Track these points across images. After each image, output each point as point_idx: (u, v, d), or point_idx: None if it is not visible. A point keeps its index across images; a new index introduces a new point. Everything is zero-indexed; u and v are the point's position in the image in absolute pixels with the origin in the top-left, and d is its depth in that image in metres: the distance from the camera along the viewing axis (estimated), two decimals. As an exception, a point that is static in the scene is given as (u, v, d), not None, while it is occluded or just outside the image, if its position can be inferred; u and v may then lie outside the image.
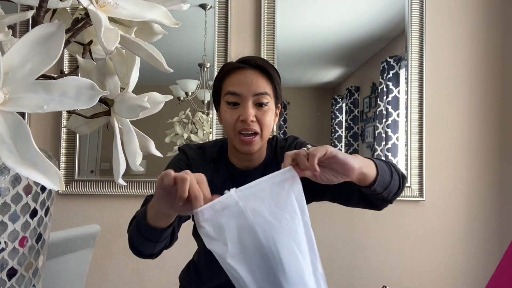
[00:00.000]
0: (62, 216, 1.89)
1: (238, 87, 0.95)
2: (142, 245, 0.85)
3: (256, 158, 1.02)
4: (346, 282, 1.90)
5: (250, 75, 0.95)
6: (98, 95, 0.45)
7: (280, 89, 1.01)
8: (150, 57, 0.57)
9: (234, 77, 0.97)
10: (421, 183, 1.89)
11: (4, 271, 0.59)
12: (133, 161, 0.63)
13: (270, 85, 0.97)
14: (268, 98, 0.96)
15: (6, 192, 0.58)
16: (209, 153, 1.05)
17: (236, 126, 0.95)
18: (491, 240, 1.91)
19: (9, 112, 0.42)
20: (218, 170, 1.03)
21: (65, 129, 1.91)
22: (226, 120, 0.97)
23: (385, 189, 0.84)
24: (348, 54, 1.96)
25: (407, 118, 1.90)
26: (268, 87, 0.96)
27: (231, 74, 0.98)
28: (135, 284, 1.89)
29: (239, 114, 0.94)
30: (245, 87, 0.94)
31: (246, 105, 0.94)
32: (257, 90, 0.94)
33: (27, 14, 0.56)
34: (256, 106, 0.95)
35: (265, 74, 0.96)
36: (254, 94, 0.94)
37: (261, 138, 0.96)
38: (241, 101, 0.95)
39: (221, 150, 1.06)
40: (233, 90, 0.95)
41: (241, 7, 1.94)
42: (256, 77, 0.95)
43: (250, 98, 0.94)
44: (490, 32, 1.94)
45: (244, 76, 0.95)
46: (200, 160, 1.03)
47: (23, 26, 1.85)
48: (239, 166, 1.03)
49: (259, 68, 0.96)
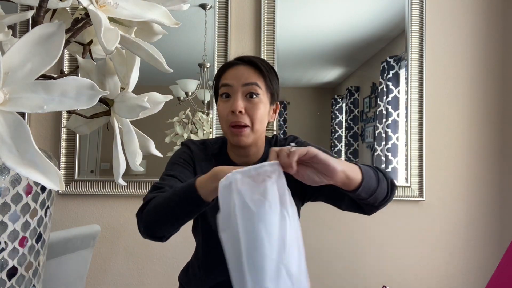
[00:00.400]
0: (62, 216, 1.89)
1: (229, 80, 1.00)
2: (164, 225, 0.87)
3: (252, 154, 1.05)
4: (346, 282, 1.90)
5: (242, 69, 1.00)
6: (98, 95, 0.45)
7: (275, 85, 1.04)
8: (150, 57, 0.57)
9: (228, 72, 1.02)
10: (421, 183, 1.89)
11: (4, 271, 0.59)
12: (133, 161, 0.63)
13: (261, 78, 1.00)
14: (258, 90, 0.99)
15: (6, 192, 0.58)
16: (211, 149, 1.09)
17: (228, 119, 0.98)
18: (491, 240, 1.91)
19: (9, 112, 0.42)
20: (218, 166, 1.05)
21: (65, 129, 1.91)
22: (220, 114, 1.01)
23: (370, 195, 0.83)
24: (348, 54, 1.96)
25: (407, 118, 1.90)
26: (259, 79, 1.00)
27: (226, 70, 1.03)
28: (135, 284, 1.89)
29: (230, 106, 0.98)
30: (235, 79, 0.99)
31: (236, 96, 0.98)
32: (247, 80, 0.98)
33: (27, 14, 0.56)
34: (246, 97, 0.99)
35: (257, 68, 1.00)
36: (244, 84, 0.98)
37: (252, 131, 0.99)
38: (232, 92, 0.99)
39: (222, 147, 1.10)
40: (225, 82, 1.00)
41: (241, 7, 1.94)
42: (248, 70, 1.00)
43: (240, 89, 0.98)
44: (490, 32, 1.94)
45: (235, 70, 1.01)
46: (203, 155, 1.07)
47: (23, 26, 1.85)
48: (237, 162, 1.06)
49: (250, 63, 1.01)
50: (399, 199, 1.89)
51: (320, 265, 1.89)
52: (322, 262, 1.90)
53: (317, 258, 1.88)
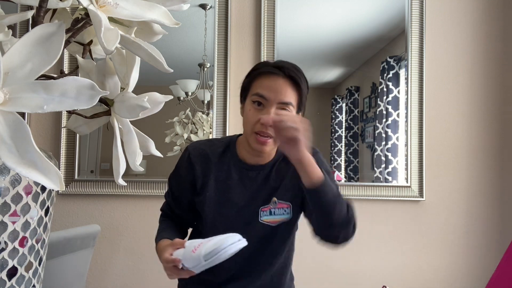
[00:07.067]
0: (62, 216, 1.88)
1: (266, 91, 0.99)
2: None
3: (266, 155, 1.08)
4: (346, 282, 1.90)
5: (281, 83, 0.99)
6: (98, 95, 0.45)
7: (305, 100, 1.05)
8: (150, 57, 0.57)
9: (266, 80, 1.01)
10: (421, 183, 1.89)
11: (4, 271, 0.59)
12: (133, 161, 0.63)
13: (296, 96, 1.01)
14: (291, 108, 1.00)
15: (6, 192, 0.58)
16: (216, 147, 1.11)
17: (255, 127, 0.99)
18: (491, 240, 1.91)
19: (9, 112, 0.42)
20: (223, 163, 1.08)
21: (65, 129, 1.91)
22: (248, 118, 1.02)
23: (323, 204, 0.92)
24: (348, 54, 1.96)
25: (407, 118, 1.90)
26: (294, 98, 1.01)
27: (263, 76, 1.02)
28: (135, 284, 1.89)
29: (261, 117, 0.98)
30: (273, 93, 0.99)
31: (269, 111, 0.98)
32: (283, 99, 0.99)
33: (27, 14, 0.56)
34: (277, 110, 0.99)
35: (295, 85, 1.00)
36: (279, 102, 0.99)
37: (275, 141, 1.01)
38: (266, 104, 0.99)
39: (229, 146, 1.11)
40: (262, 93, 0.99)
41: (241, 7, 1.94)
42: (286, 86, 0.99)
43: (274, 105, 0.99)
44: (490, 32, 1.94)
45: (274, 83, 0.99)
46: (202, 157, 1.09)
47: (23, 26, 1.85)
48: (248, 161, 1.08)
49: (291, 78, 1.00)
50: (399, 199, 1.89)
51: (320, 265, 1.89)
52: (322, 262, 1.90)
53: (317, 258, 1.88)
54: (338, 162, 1.96)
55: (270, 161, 1.08)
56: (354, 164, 1.96)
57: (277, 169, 1.08)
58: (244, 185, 1.06)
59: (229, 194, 1.06)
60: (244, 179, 1.07)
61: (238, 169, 1.08)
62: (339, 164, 1.96)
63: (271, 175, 1.07)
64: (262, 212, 1.05)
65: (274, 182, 1.07)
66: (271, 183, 1.07)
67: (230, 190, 1.06)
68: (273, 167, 1.08)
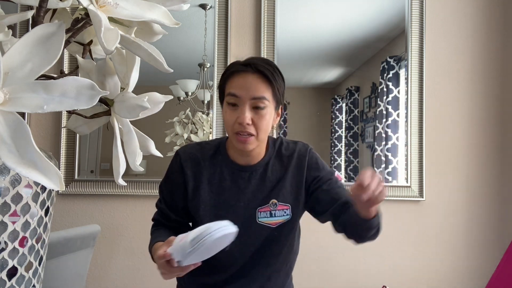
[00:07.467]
0: (62, 216, 1.88)
1: (237, 90, 0.98)
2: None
3: (255, 154, 1.06)
4: (346, 282, 1.90)
5: (251, 79, 0.98)
6: (98, 95, 0.45)
7: (281, 92, 1.03)
8: (150, 57, 0.57)
9: (236, 79, 1.00)
10: (421, 183, 1.89)
11: (4, 271, 0.59)
12: (133, 161, 0.63)
13: (269, 90, 0.99)
14: (266, 102, 0.99)
15: (6, 192, 0.58)
16: (207, 150, 1.10)
17: (234, 127, 0.99)
18: (491, 240, 1.91)
19: (9, 112, 0.42)
20: (214, 166, 1.08)
21: (65, 129, 1.91)
22: (226, 120, 1.01)
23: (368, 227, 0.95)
24: (348, 54, 1.96)
25: (407, 118, 1.90)
26: (267, 91, 0.99)
27: (234, 75, 1.01)
28: (135, 284, 1.89)
29: (237, 116, 0.98)
30: (244, 90, 0.98)
31: (244, 108, 0.97)
32: (255, 94, 0.97)
33: (27, 14, 0.56)
34: (253, 109, 0.98)
35: (266, 79, 0.99)
36: (252, 98, 0.97)
37: (257, 139, 1.00)
38: (239, 103, 0.98)
39: (219, 147, 1.10)
40: (234, 92, 0.99)
41: (241, 7, 1.94)
42: (256, 81, 0.98)
43: (247, 101, 0.98)
44: (490, 32, 1.94)
45: (244, 80, 0.99)
46: (193, 161, 1.08)
47: (23, 26, 1.85)
48: (239, 162, 1.07)
49: (260, 73, 0.99)
50: (399, 199, 1.89)
51: (320, 265, 1.89)
52: (322, 262, 1.90)
53: (317, 258, 1.88)
54: (338, 162, 1.96)
55: (261, 161, 1.07)
56: (354, 164, 1.96)
57: (272, 169, 1.07)
58: (238, 186, 1.06)
59: (224, 196, 1.06)
60: (237, 180, 1.06)
61: (230, 170, 1.07)
62: (339, 164, 1.96)
63: (267, 176, 1.07)
64: (260, 213, 1.05)
65: (270, 183, 1.06)
66: (267, 184, 1.06)
67: (225, 192, 1.06)
68: (266, 166, 1.07)
